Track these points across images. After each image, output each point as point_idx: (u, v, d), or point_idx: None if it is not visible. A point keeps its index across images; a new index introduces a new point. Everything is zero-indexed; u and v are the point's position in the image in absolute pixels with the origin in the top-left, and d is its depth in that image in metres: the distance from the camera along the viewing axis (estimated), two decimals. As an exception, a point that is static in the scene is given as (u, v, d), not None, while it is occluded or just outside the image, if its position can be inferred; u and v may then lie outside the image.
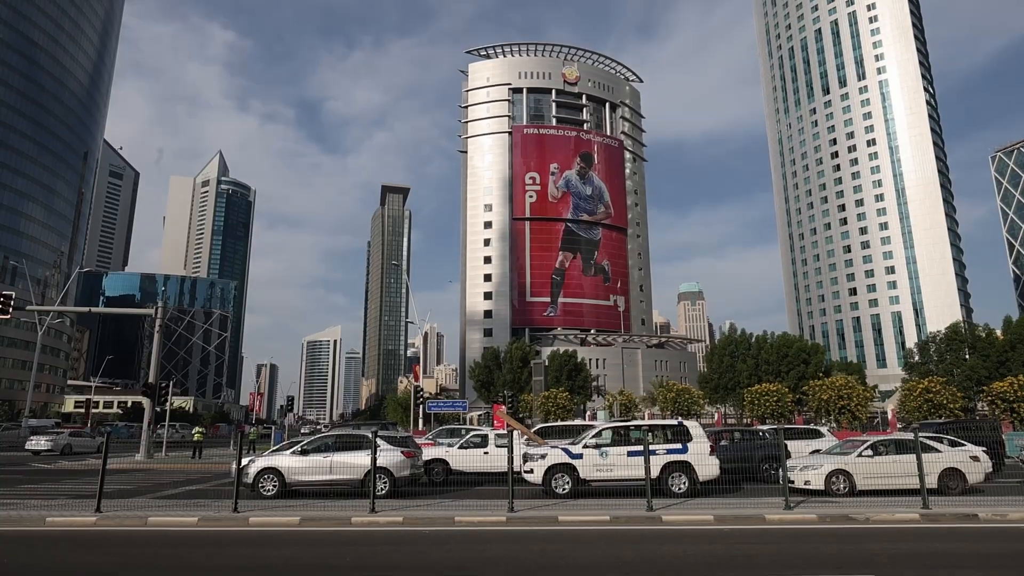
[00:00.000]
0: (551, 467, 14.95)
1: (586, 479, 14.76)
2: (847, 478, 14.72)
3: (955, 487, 14.64)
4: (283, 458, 15.24)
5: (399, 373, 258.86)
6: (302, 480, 15.07)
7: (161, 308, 31.39)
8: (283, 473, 14.91)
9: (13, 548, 9.47)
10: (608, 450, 14.91)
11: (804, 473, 15.02)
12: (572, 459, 14.89)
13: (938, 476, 14.66)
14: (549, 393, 49.65)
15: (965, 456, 15.19)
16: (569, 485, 14.68)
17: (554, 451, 15.37)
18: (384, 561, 8.69)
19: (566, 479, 14.74)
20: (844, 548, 9.23)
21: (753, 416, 46.47)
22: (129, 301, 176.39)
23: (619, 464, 14.58)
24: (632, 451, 14.67)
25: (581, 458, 14.82)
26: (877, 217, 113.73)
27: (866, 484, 14.53)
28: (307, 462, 15.06)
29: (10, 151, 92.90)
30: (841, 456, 15.43)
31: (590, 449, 14.98)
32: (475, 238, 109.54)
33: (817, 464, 15.19)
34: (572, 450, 15.10)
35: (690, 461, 14.59)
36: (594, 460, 14.79)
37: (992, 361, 51.06)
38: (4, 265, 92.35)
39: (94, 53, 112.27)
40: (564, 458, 14.95)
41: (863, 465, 14.76)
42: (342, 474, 14.88)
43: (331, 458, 15.06)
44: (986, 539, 10.11)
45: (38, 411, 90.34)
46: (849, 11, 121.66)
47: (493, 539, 10.15)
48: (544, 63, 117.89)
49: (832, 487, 14.69)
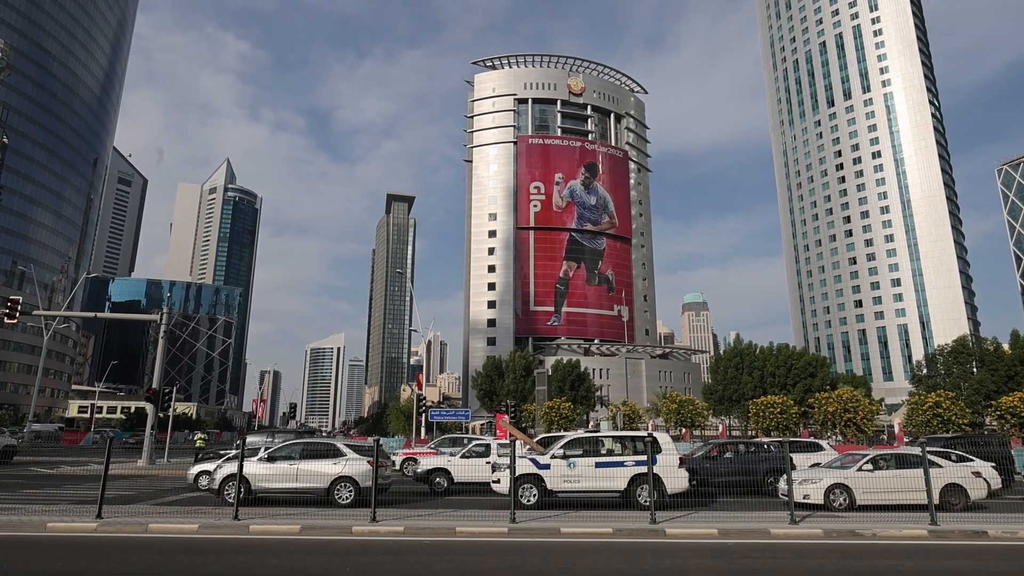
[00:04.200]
0: (518, 477, 14.78)
1: (553, 490, 14.57)
2: (846, 492, 14.54)
3: (957, 503, 14.45)
4: (249, 465, 15.19)
5: (402, 381, 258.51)
6: (268, 487, 15.02)
7: (166, 314, 31.48)
8: (249, 480, 14.87)
9: (13, 554, 9.45)
10: (576, 461, 14.72)
11: (803, 487, 14.87)
12: (539, 469, 14.71)
13: (940, 492, 14.46)
14: (552, 403, 49.40)
15: (967, 472, 14.98)
16: (536, 496, 14.52)
17: (521, 461, 15.22)
18: (384, 571, 8.63)
19: (533, 490, 14.58)
20: (849, 564, 9.10)
21: (758, 428, 46.10)
22: (135, 307, 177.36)
23: (587, 475, 14.42)
24: (600, 462, 14.56)
25: (548, 468, 14.62)
26: (883, 229, 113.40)
27: (866, 499, 14.35)
28: (273, 469, 15.04)
29: (21, 157, 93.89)
30: (841, 470, 15.23)
31: (558, 460, 14.80)
32: (479, 247, 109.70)
33: (816, 478, 15.01)
34: (540, 460, 14.96)
35: (659, 473, 14.38)
36: (562, 471, 14.59)
37: (1000, 375, 50.56)
38: (12, 270, 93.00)
39: (105, 62, 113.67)
40: (531, 468, 14.78)
41: (863, 480, 14.58)
42: (308, 482, 14.88)
43: (298, 466, 15.08)
44: (996, 557, 9.93)
45: (42, 416, 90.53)
46: (854, 24, 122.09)
47: (494, 550, 10.07)
48: (549, 74, 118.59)
49: (831, 501, 14.52)
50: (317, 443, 16.38)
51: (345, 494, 14.73)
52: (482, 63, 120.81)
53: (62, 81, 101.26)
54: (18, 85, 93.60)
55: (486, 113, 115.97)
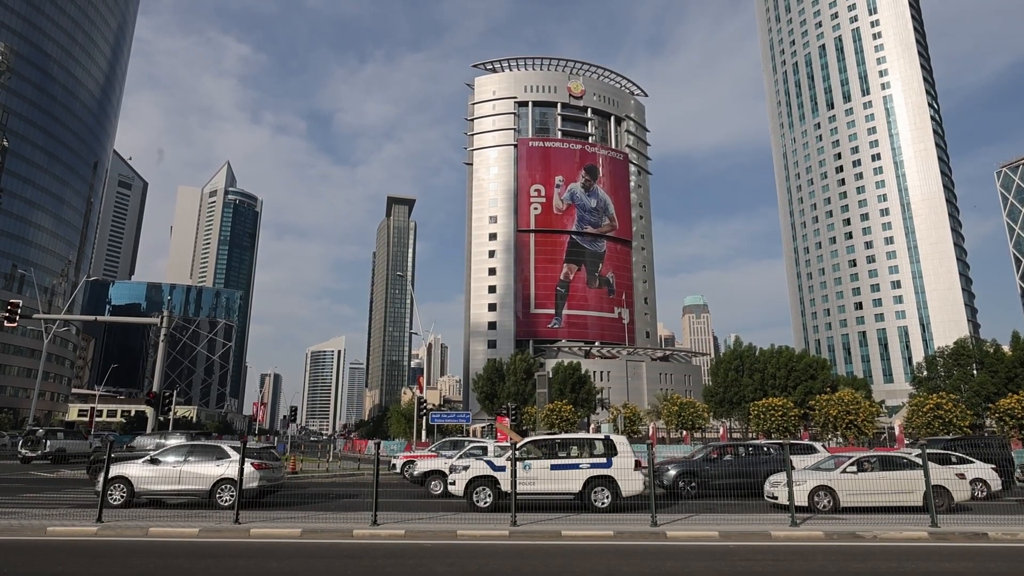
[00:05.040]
0: (473, 479, 14.80)
1: (508, 492, 14.45)
2: (830, 494, 14.52)
3: (941, 505, 14.43)
4: (133, 467, 15.29)
5: (403, 384, 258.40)
6: (151, 489, 15.07)
7: (166, 317, 31.48)
8: (132, 482, 14.94)
9: (14, 558, 9.45)
10: (532, 463, 14.72)
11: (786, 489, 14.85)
12: (495, 472, 14.72)
13: (924, 494, 14.52)
14: (553, 405, 49.39)
15: (951, 474, 15.01)
16: (491, 499, 14.53)
17: (477, 463, 15.27)
18: (386, 574, 8.63)
19: (488, 492, 14.60)
20: (850, 566, 9.09)
21: (759, 431, 46.08)
22: (135, 310, 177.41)
23: (542, 478, 14.44)
24: (556, 464, 14.56)
25: (504, 471, 14.58)
26: (883, 232, 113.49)
27: (850, 501, 14.32)
28: (157, 471, 15.08)
29: (21, 160, 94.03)
30: (825, 472, 15.21)
31: None
32: (480, 250, 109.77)
33: (800, 480, 14.95)
34: (495, 463, 15.02)
35: (614, 476, 14.39)
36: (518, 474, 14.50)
37: (1000, 377, 50.54)
38: (12, 274, 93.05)
39: (106, 65, 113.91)
40: (487, 471, 14.83)
41: (847, 481, 14.55)
42: (191, 484, 14.97)
43: (181, 468, 15.15)
44: (997, 558, 9.93)
45: (42, 419, 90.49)
46: (853, 27, 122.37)
47: (495, 553, 10.07)
48: (550, 77, 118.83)
49: (815, 503, 14.50)
50: (202, 445, 16.50)
51: (227, 496, 14.74)
52: (483, 66, 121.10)
53: (62, 84, 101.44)
54: (18, 88, 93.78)
55: (487, 116, 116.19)
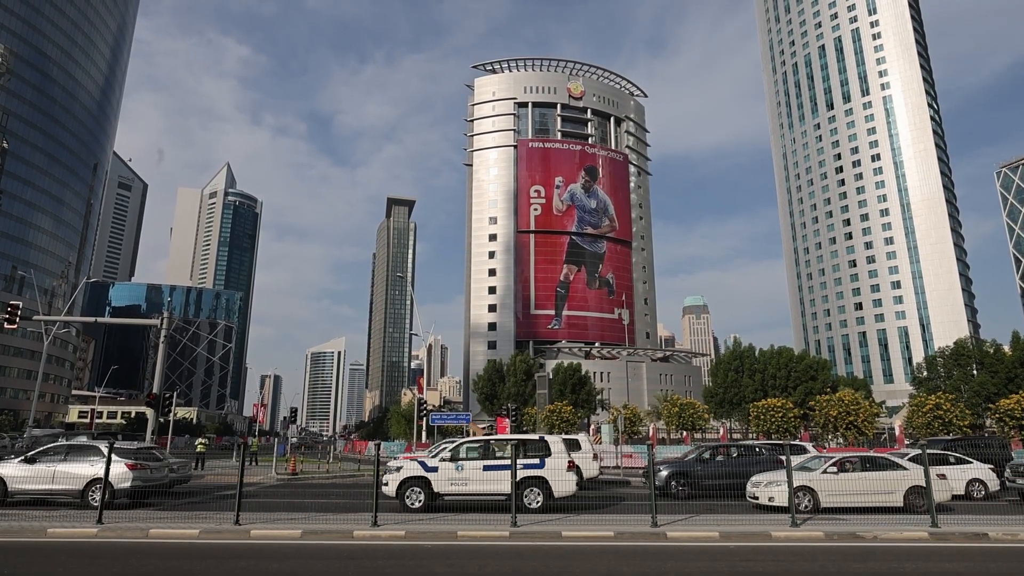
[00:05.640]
0: (405, 480, 14.84)
1: (440, 493, 14.64)
2: (811, 495, 14.53)
3: (921, 505, 14.46)
4: (8, 466, 15.45)
5: (403, 385, 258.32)
6: (24, 489, 15.22)
7: (166, 318, 31.47)
8: (5, 481, 15.09)
9: (14, 559, 9.45)
10: (464, 464, 14.77)
11: (768, 489, 14.86)
12: (427, 472, 14.77)
13: (904, 494, 14.57)
14: (553, 406, 49.31)
15: (933, 474, 15.01)
16: (423, 499, 14.59)
17: (410, 464, 15.30)
18: (386, 575, 8.63)
19: (420, 493, 14.66)
20: (850, 567, 9.09)
21: (759, 431, 46.04)
22: (135, 311, 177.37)
23: (474, 478, 14.48)
24: (488, 465, 14.58)
25: (436, 471, 14.70)
26: (882, 232, 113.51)
27: (830, 501, 14.33)
28: (31, 471, 15.23)
29: (21, 162, 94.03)
30: (805, 472, 15.21)
31: (446, 463, 14.84)
32: (480, 250, 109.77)
33: (781, 480, 14.95)
34: (428, 463, 15.06)
35: (546, 476, 14.44)
36: (449, 474, 14.64)
37: (1001, 378, 50.47)
38: (12, 275, 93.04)
39: (105, 66, 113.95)
40: (419, 471, 14.87)
41: (827, 482, 14.56)
42: (64, 484, 15.10)
43: (55, 467, 15.27)
44: (997, 559, 9.93)
45: (42, 421, 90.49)
46: (852, 28, 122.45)
47: (496, 554, 10.07)
48: (550, 78, 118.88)
49: (795, 504, 14.45)
50: (80, 445, 16.61)
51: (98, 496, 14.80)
52: (482, 67, 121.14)
53: (62, 86, 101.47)
54: (18, 90, 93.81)
55: (486, 117, 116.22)
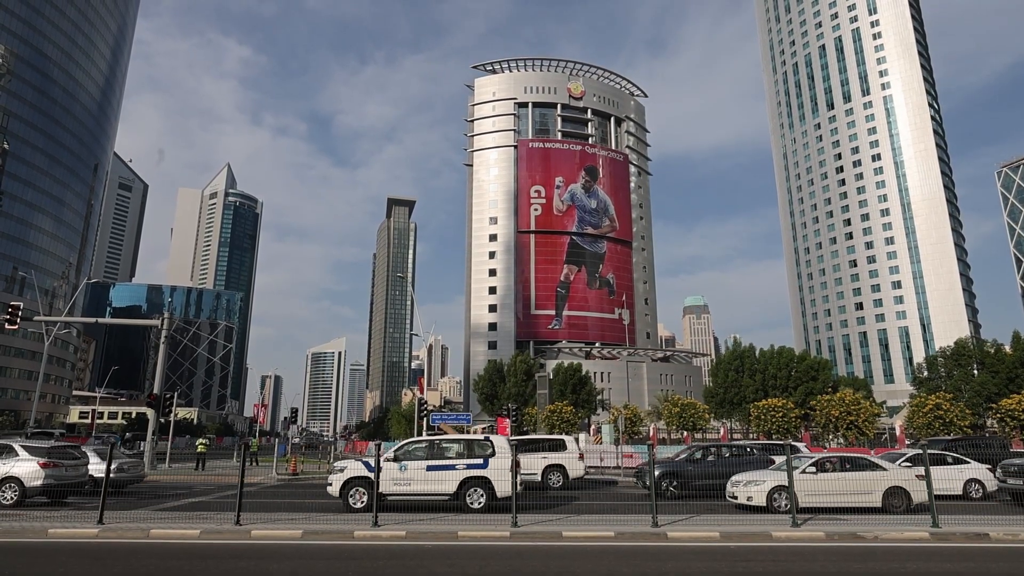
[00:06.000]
0: (348, 480, 14.86)
1: (384, 493, 14.64)
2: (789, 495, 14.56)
3: (899, 506, 14.48)
4: None
5: (403, 385, 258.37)
6: None
7: (167, 319, 31.48)
8: None
9: (15, 560, 9.46)
10: (408, 464, 14.80)
11: (747, 489, 14.86)
12: (370, 472, 14.75)
13: (882, 494, 14.57)
14: (554, 407, 49.32)
15: (911, 475, 15.06)
16: (366, 499, 14.62)
17: (354, 464, 15.36)
18: (387, 575, 8.64)
19: (363, 493, 14.69)
20: (851, 567, 9.09)
21: (759, 431, 46.02)
22: (136, 312, 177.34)
23: (418, 479, 14.55)
24: (432, 465, 14.65)
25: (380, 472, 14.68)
26: (883, 232, 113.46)
27: (808, 501, 14.33)
28: None
29: (21, 163, 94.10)
30: (784, 472, 15.15)
31: (390, 463, 14.88)
32: (480, 251, 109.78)
33: (760, 480, 14.98)
34: (371, 463, 15.05)
35: (489, 477, 14.45)
36: (393, 474, 14.65)
37: (1002, 377, 50.42)
38: (13, 276, 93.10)
39: (106, 67, 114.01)
40: (363, 472, 14.90)
41: (806, 482, 14.57)
42: None
43: None
44: (998, 559, 9.92)
45: (43, 422, 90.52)
46: (853, 27, 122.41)
47: (496, 554, 10.07)
48: (550, 78, 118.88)
49: (774, 504, 14.51)
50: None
51: (10, 495, 15.05)
52: (482, 67, 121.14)
53: (63, 86, 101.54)
54: (19, 91, 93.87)
55: (487, 117, 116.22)
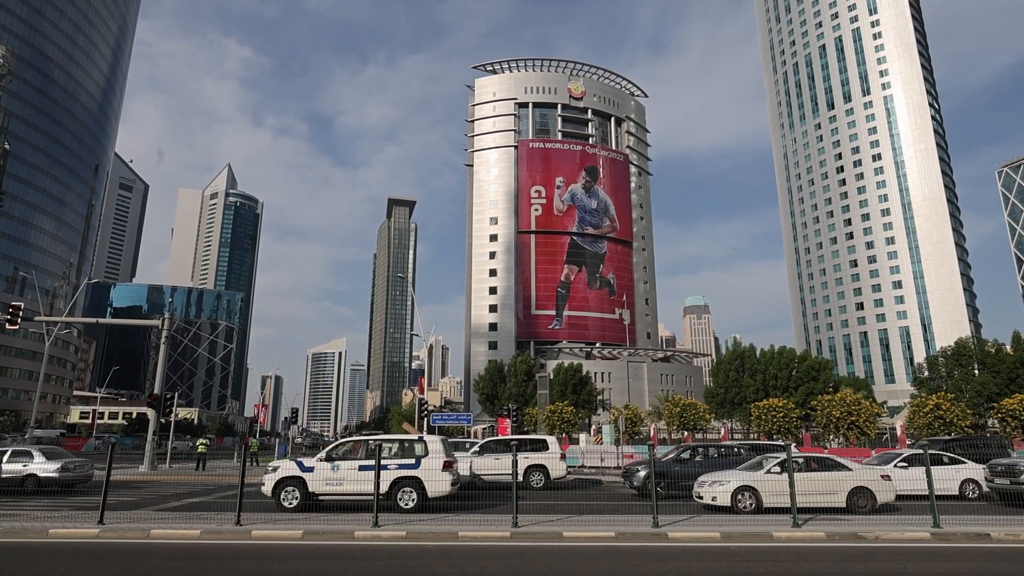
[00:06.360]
0: (281, 480, 14.92)
1: (315, 493, 14.76)
2: (753, 495, 14.53)
3: (864, 506, 14.47)
4: None
5: (404, 386, 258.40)
6: None
7: (167, 319, 31.48)
8: None
9: (15, 560, 9.46)
10: (340, 464, 14.88)
11: (712, 489, 14.86)
12: (303, 472, 14.87)
13: (847, 495, 14.59)
14: (554, 407, 49.33)
15: (876, 475, 15.09)
16: (298, 499, 14.69)
17: (286, 464, 15.42)
18: (387, 575, 8.63)
19: (295, 493, 14.76)
20: (852, 567, 9.08)
21: (760, 431, 46.02)
22: (136, 312, 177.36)
23: (350, 478, 14.61)
24: (363, 465, 14.68)
25: (312, 471, 14.82)
26: (883, 232, 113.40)
27: (772, 502, 14.32)
28: None
29: (22, 163, 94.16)
30: (749, 473, 15.25)
31: (322, 463, 14.98)
32: (480, 251, 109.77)
33: (725, 480, 14.96)
34: (304, 463, 15.17)
35: (420, 477, 14.53)
36: (325, 474, 14.75)
37: (1003, 377, 50.41)
38: (14, 276, 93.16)
39: (107, 68, 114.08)
40: (295, 471, 14.98)
41: (770, 482, 14.54)
42: None
43: None
44: (999, 559, 9.91)
45: (43, 422, 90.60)
46: (853, 27, 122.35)
47: (497, 554, 10.06)
48: (550, 78, 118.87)
49: (738, 504, 14.50)
50: None
51: None
52: (483, 68, 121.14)
53: (63, 87, 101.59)
54: (19, 91, 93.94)
55: (487, 117, 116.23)
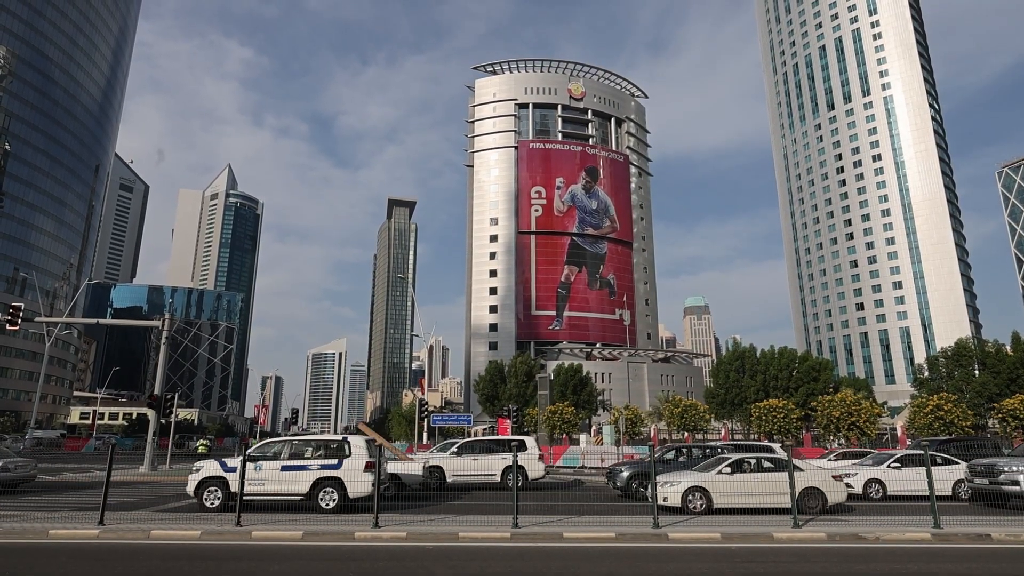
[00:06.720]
0: (204, 480, 14.97)
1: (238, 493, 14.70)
2: (704, 495, 14.54)
3: (814, 506, 14.44)
4: None
5: (404, 386, 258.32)
6: None
7: (168, 320, 31.46)
8: None
9: (15, 561, 9.45)
10: (263, 464, 14.87)
11: (663, 490, 14.83)
12: (225, 472, 14.88)
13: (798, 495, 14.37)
14: (554, 407, 49.32)
15: (827, 476, 15.08)
16: (220, 499, 14.70)
17: (210, 464, 15.43)
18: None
19: (218, 493, 14.79)
20: (852, 568, 9.07)
21: (760, 432, 46.03)
22: (136, 313, 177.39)
23: (272, 479, 14.66)
24: (286, 466, 14.76)
25: (235, 472, 14.72)
26: (884, 232, 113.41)
27: (723, 502, 14.34)
28: None
29: (23, 164, 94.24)
30: (700, 473, 15.27)
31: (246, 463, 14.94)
32: (481, 251, 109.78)
33: (676, 480, 14.96)
34: (228, 463, 15.18)
35: (341, 477, 14.55)
36: (248, 475, 14.70)
37: (1003, 378, 50.36)
38: (14, 277, 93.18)
39: (107, 68, 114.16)
40: (218, 471, 15.01)
41: (721, 483, 14.56)
42: None
43: None
44: (1000, 560, 9.90)
45: (44, 422, 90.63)
46: (853, 28, 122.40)
47: (497, 555, 10.05)
48: (550, 79, 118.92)
49: (688, 504, 14.52)
50: None
51: None
52: (483, 68, 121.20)
53: (64, 88, 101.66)
54: (20, 92, 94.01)
55: (487, 118, 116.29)
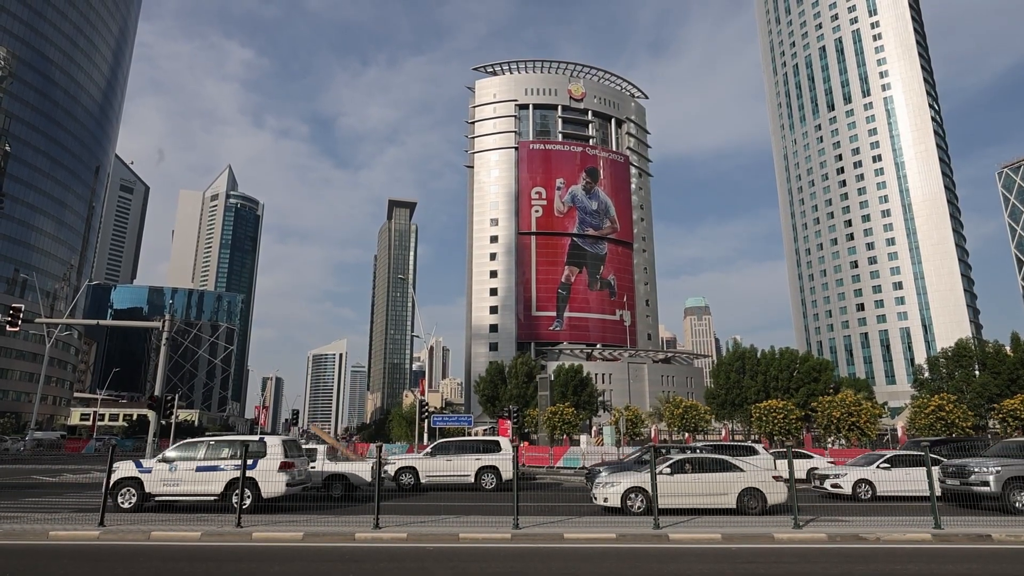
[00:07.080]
0: (118, 480, 15.02)
1: (152, 493, 14.82)
2: (644, 496, 14.58)
3: (755, 507, 14.46)
4: None
5: (404, 387, 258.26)
6: None
7: (168, 321, 31.46)
8: None
9: (16, 562, 9.46)
10: (179, 464, 14.95)
11: (604, 490, 14.87)
12: (140, 473, 14.91)
13: (737, 495, 14.60)
14: (555, 408, 49.30)
15: (767, 476, 15.10)
16: (135, 499, 14.74)
17: (125, 464, 15.47)
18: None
19: (132, 493, 14.84)
20: (853, 568, 9.07)
21: (761, 432, 45.99)
22: (137, 314, 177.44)
23: (187, 479, 14.75)
24: (201, 466, 14.83)
25: (149, 472, 14.88)
26: (884, 233, 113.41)
27: (665, 503, 14.24)
28: None
29: (23, 165, 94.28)
30: (640, 474, 15.29)
31: (161, 464, 15.06)
32: (481, 252, 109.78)
33: (615, 482, 14.99)
34: (143, 464, 15.24)
35: (255, 477, 14.64)
36: (163, 475, 14.84)
37: (1003, 378, 50.33)
38: (14, 278, 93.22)
39: (107, 69, 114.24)
40: (132, 472, 15.04)
41: (662, 484, 14.40)
42: None
43: None
44: (1001, 560, 9.90)
45: (44, 423, 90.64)
46: (853, 29, 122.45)
47: (497, 556, 10.05)
48: (550, 80, 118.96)
49: (628, 505, 14.54)
50: None
51: None
52: (483, 69, 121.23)
53: (64, 89, 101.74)
54: (20, 93, 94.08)
55: (487, 119, 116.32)
